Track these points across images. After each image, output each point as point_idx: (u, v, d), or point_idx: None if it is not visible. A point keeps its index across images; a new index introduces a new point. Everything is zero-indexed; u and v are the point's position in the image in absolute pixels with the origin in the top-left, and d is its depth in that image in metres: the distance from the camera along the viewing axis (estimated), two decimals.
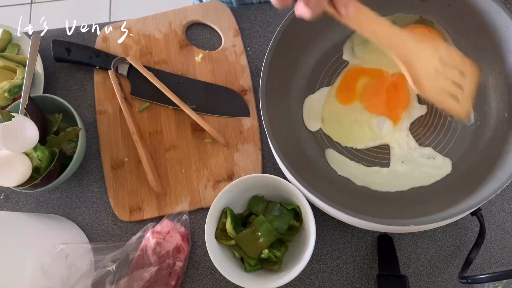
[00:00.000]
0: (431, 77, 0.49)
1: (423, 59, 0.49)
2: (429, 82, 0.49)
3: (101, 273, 0.57)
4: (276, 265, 0.55)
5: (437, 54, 0.50)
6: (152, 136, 0.66)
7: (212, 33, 0.71)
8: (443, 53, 0.50)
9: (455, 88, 0.51)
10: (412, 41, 0.48)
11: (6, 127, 0.55)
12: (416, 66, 0.48)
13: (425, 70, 0.49)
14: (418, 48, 0.49)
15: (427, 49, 0.49)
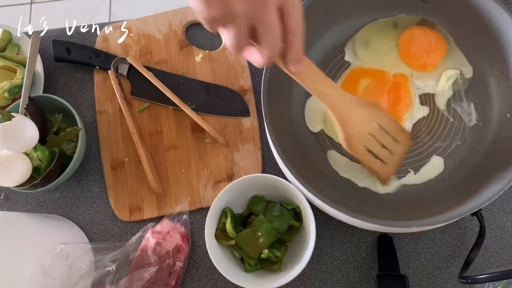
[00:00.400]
0: (363, 140, 0.52)
1: (359, 123, 0.52)
2: (359, 144, 0.53)
3: (101, 273, 0.57)
4: (276, 265, 0.55)
5: (376, 120, 0.53)
6: (152, 136, 0.66)
7: (212, 33, 0.71)
8: (382, 120, 0.53)
9: (384, 153, 0.54)
10: (353, 104, 0.51)
11: (6, 127, 0.55)
12: (351, 127, 0.51)
13: (358, 133, 0.52)
14: (357, 112, 0.51)
15: (365, 115, 0.52)
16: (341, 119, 0.50)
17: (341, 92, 0.50)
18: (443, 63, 0.59)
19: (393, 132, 0.54)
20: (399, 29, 0.61)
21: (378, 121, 0.53)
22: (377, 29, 0.61)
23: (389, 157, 0.54)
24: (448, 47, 0.59)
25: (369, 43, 0.61)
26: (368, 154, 0.53)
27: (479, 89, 0.58)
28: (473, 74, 0.58)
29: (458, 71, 0.58)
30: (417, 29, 0.60)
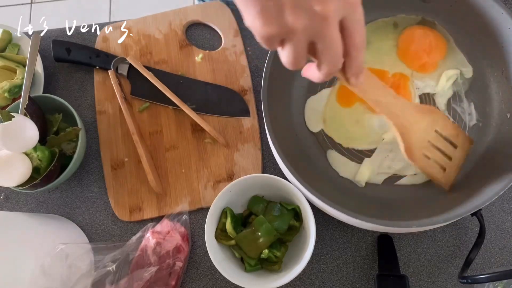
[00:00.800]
0: (424, 148, 0.52)
1: (419, 131, 0.51)
2: (420, 152, 0.52)
3: (101, 273, 0.57)
4: (276, 265, 0.55)
5: (434, 127, 0.52)
6: (152, 136, 0.66)
7: (212, 33, 0.71)
8: (440, 126, 0.53)
9: (444, 160, 0.53)
10: (413, 111, 0.51)
11: (6, 127, 0.55)
12: (411, 136, 0.51)
13: (419, 142, 0.51)
14: (417, 120, 0.51)
15: (425, 121, 0.51)
16: (401, 128, 0.50)
17: (402, 101, 0.50)
18: (443, 63, 0.59)
19: (451, 137, 0.53)
20: (399, 29, 0.61)
21: (437, 127, 0.52)
22: (377, 29, 0.61)
23: (448, 163, 0.54)
24: (448, 47, 0.59)
25: (369, 43, 0.61)
26: (428, 161, 0.52)
27: (479, 89, 0.58)
28: (473, 74, 0.58)
29: (458, 71, 0.58)
30: (417, 29, 0.60)
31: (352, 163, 0.58)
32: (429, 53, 0.59)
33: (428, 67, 0.59)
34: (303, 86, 0.61)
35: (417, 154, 0.52)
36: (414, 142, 0.51)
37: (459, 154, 0.54)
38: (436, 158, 0.53)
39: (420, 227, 0.47)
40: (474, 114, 0.57)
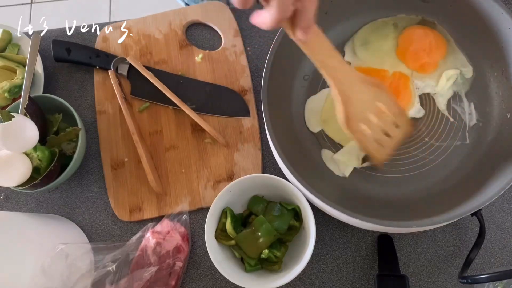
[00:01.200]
0: (363, 119, 0.51)
1: (360, 101, 0.50)
2: (358, 123, 0.51)
3: (101, 273, 0.57)
4: (276, 265, 0.55)
5: (378, 100, 0.51)
6: (152, 136, 0.66)
7: (212, 33, 0.71)
8: (385, 102, 0.52)
9: (382, 136, 0.53)
10: (358, 82, 0.50)
11: (6, 127, 0.55)
12: (352, 106, 0.50)
13: (359, 112, 0.51)
14: (361, 89, 0.50)
15: (369, 93, 0.51)
16: (343, 95, 0.49)
17: (348, 68, 0.49)
18: (443, 63, 0.59)
19: (394, 115, 0.53)
20: (399, 29, 0.61)
21: (381, 102, 0.52)
22: (377, 29, 0.61)
23: (386, 141, 0.53)
24: (448, 47, 0.59)
25: (369, 43, 0.61)
26: (364, 135, 0.52)
27: (479, 89, 0.58)
28: (473, 74, 0.58)
29: (458, 71, 0.58)
30: (417, 29, 0.60)
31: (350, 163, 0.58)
32: (429, 53, 0.59)
33: (428, 67, 0.59)
34: (303, 87, 0.61)
35: (355, 126, 0.51)
36: (354, 112, 0.50)
37: (399, 134, 0.54)
38: (374, 132, 0.52)
39: (420, 227, 0.47)
40: (474, 114, 0.57)
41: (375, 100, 0.51)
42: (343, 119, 0.50)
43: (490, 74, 0.57)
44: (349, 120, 0.50)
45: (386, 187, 0.57)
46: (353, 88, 0.49)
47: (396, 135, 0.54)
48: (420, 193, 0.56)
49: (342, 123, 0.51)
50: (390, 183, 0.57)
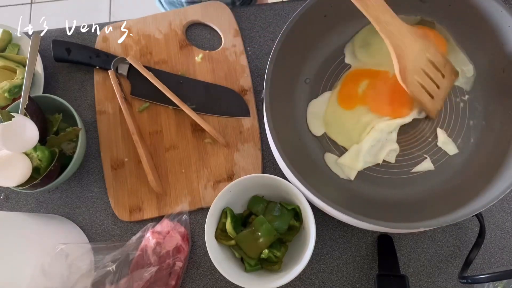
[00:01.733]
0: (416, 72, 0.53)
1: (413, 54, 0.52)
2: (413, 76, 0.53)
3: (101, 273, 0.57)
4: (276, 265, 0.55)
5: (426, 52, 0.53)
6: (152, 136, 0.66)
7: (212, 33, 0.71)
8: (431, 53, 0.54)
9: (433, 87, 0.54)
10: (408, 33, 0.52)
11: (6, 127, 0.55)
12: (406, 59, 0.52)
13: (412, 65, 0.52)
14: (411, 42, 0.52)
15: (418, 45, 0.53)
16: (397, 49, 0.51)
17: (399, 22, 0.51)
18: None
19: (440, 65, 0.54)
20: None
21: (428, 53, 0.53)
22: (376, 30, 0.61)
23: (437, 92, 0.55)
24: (448, 47, 0.59)
25: (369, 45, 0.61)
26: (420, 87, 0.54)
27: (481, 88, 0.58)
28: (474, 73, 0.58)
29: (459, 70, 0.58)
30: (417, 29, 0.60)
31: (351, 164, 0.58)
32: None
33: None
34: (305, 90, 0.60)
35: (409, 78, 0.53)
36: (408, 65, 0.52)
37: (446, 84, 0.55)
38: (425, 85, 0.54)
39: (428, 228, 0.47)
40: (476, 113, 0.57)
41: (424, 51, 0.53)
42: (399, 72, 0.52)
43: (492, 72, 0.57)
44: (404, 72, 0.52)
45: (389, 188, 0.56)
46: (405, 40, 0.51)
47: (443, 85, 0.55)
48: (424, 193, 0.55)
49: (398, 77, 0.52)
50: (393, 184, 0.57)
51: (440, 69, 0.54)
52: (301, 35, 0.56)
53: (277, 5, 0.71)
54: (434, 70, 0.54)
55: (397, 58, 0.51)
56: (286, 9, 0.71)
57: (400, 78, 0.52)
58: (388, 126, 0.57)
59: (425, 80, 0.54)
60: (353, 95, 0.59)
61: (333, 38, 0.61)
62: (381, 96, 0.58)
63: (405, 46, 0.51)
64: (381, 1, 0.49)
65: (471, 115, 0.58)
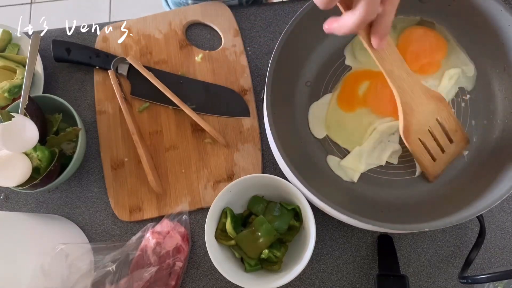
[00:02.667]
0: (421, 132, 0.52)
1: (421, 114, 0.51)
2: (416, 136, 0.52)
3: (101, 273, 0.57)
4: (276, 265, 0.55)
5: (437, 115, 0.53)
6: (152, 136, 0.66)
7: (212, 33, 0.71)
8: (443, 116, 0.53)
9: (437, 150, 0.54)
10: (421, 93, 0.51)
11: (6, 127, 0.55)
12: (413, 117, 0.51)
13: (418, 125, 0.52)
14: (422, 102, 0.51)
15: (430, 107, 0.52)
16: (406, 106, 0.50)
17: (414, 79, 0.49)
18: (444, 62, 0.59)
19: (450, 130, 0.54)
20: (398, 30, 0.61)
21: (440, 116, 0.53)
22: None
23: (441, 156, 0.54)
24: (448, 46, 0.59)
25: None
26: (422, 147, 0.53)
27: (482, 87, 0.58)
28: (475, 72, 0.58)
29: (460, 70, 0.58)
30: (417, 29, 0.60)
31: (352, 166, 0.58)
32: (429, 53, 0.59)
33: (429, 68, 0.59)
34: (306, 93, 0.60)
35: (413, 137, 0.52)
36: (414, 124, 0.51)
37: (453, 150, 0.55)
38: (429, 146, 0.53)
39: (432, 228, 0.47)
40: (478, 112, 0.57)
41: (435, 115, 0.52)
42: (403, 130, 0.51)
43: (492, 72, 0.57)
44: (409, 131, 0.52)
45: (391, 189, 0.56)
46: (416, 100, 0.50)
47: (450, 151, 0.55)
48: (427, 194, 0.55)
49: (402, 134, 0.52)
50: (395, 185, 0.57)
51: (450, 134, 0.54)
52: (301, 38, 0.56)
53: (277, 5, 0.71)
54: (442, 134, 0.53)
55: (403, 115, 0.50)
56: (286, 9, 0.70)
57: (403, 135, 0.52)
58: (389, 128, 0.57)
59: (430, 141, 0.53)
60: (354, 97, 0.59)
61: (333, 40, 0.61)
62: (382, 97, 0.58)
63: (415, 104, 0.50)
64: (397, 56, 0.47)
65: (472, 115, 0.58)
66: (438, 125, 0.53)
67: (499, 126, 0.56)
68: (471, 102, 0.58)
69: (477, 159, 0.56)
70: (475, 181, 0.54)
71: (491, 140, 0.56)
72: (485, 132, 0.56)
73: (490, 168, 0.53)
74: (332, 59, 0.61)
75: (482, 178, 0.53)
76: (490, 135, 0.56)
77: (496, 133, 0.56)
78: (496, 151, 0.55)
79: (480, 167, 0.55)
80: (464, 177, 0.55)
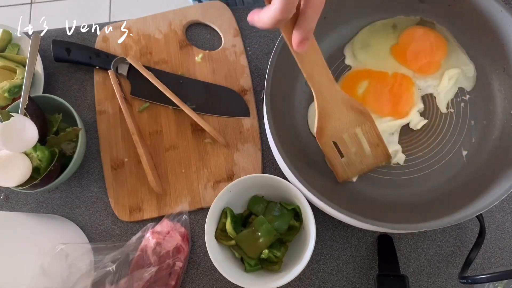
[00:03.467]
0: (335, 137, 0.53)
1: (339, 121, 0.52)
2: (330, 139, 0.53)
3: (101, 273, 0.57)
4: (276, 265, 0.55)
5: (358, 126, 0.53)
6: (152, 136, 0.66)
7: (212, 33, 0.71)
8: (365, 129, 0.54)
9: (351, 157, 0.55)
10: (340, 103, 0.51)
11: (6, 127, 0.55)
12: (328, 122, 0.52)
13: (334, 130, 0.53)
14: (341, 112, 0.51)
15: (349, 118, 0.52)
16: (322, 110, 0.50)
17: (335, 88, 0.49)
18: (444, 62, 0.59)
19: (371, 144, 0.55)
20: (398, 30, 0.61)
21: (361, 128, 0.53)
22: (376, 31, 0.61)
23: (354, 163, 0.55)
24: (448, 47, 0.59)
25: (369, 46, 0.61)
26: (335, 150, 0.54)
27: (482, 87, 0.58)
28: (475, 73, 0.58)
29: (460, 70, 0.58)
30: (417, 29, 0.60)
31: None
32: (430, 53, 0.59)
33: (430, 68, 0.59)
34: (305, 92, 0.60)
35: (325, 139, 0.53)
36: (327, 128, 0.52)
37: (369, 162, 0.56)
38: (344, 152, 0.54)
39: (430, 228, 0.47)
40: (478, 112, 0.57)
41: (355, 125, 0.53)
42: (315, 130, 0.52)
43: (492, 72, 0.57)
44: (321, 134, 0.52)
45: (390, 189, 0.56)
46: (334, 108, 0.51)
47: (366, 162, 0.56)
48: (426, 194, 0.55)
49: (315, 133, 0.52)
50: (394, 185, 0.57)
51: (370, 147, 0.55)
52: None
53: None
54: (360, 145, 0.54)
55: (318, 117, 0.51)
56: None
57: (316, 134, 0.52)
58: (389, 127, 0.57)
59: (344, 148, 0.54)
60: (353, 96, 0.59)
61: (333, 39, 0.61)
62: (381, 96, 0.58)
63: (332, 111, 0.51)
64: (321, 62, 0.46)
65: (472, 115, 0.58)
66: (356, 137, 0.54)
67: (498, 127, 0.56)
68: (471, 102, 0.58)
69: (476, 159, 0.56)
70: (474, 181, 0.54)
71: (490, 141, 0.56)
72: (484, 133, 0.56)
73: (489, 168, 0.53)
74: (332, 59, 0.61)
75: (481, 178, 0.53)
76: (489, 136, 0.56)
77: (495, 133, 0.56)
78: (495, 152, 0.55)
79: (479, 168, 0.55)
80: (463, 177, 0.55)
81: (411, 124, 0.58)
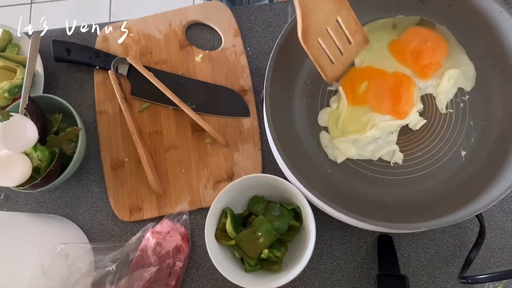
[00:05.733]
0: (320, 34, 0.51)
1: (321, 13, 0.50)
2: (315, 37, 0.51)
3: (101, 273, 0.57)
4: (276, 265, 0.55)
5: (337, 15, 0.51)
6: (152, 136, 0.66)
7: (212, 33, 0.71)
8: (343, 16, 0.52)
9: (336, 52, 0.53)
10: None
11: (5, 127, 0.55)
12: (311, 17, 0.49)
13: (317, 26, 0.50)
14: (322, 3, 0.50)
15: (330, 6, 0.50)
16: (304, 6, 0.49)
17: None
18: (444, 63, 0.59)
19: (350, 31, 0.53)
20: (398, 29, 0.61)
21: (340, 16, 0.52)
22: (376, 30, 0.61)
23: (339, 57, 0.54)
24: (449, 47, 0.59)
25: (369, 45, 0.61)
26: (321, 50, 0.53)
27: (481, 88, 0.58)
28: (474, 73, 0.58)
29: (460, 70, 0.58)
30: (417, 29, 0.60)
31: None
32: (430, 53, 0.59)
33: (430, 68, 0.59)
34: (305, 91, 0.60)
35: (311, 40, 0.51)
36: (312, 25, 0.50)
37: (351, 52, 0.55)
38: (328, 49, 0.53)
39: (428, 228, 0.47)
40: (477, 113, 0.57)
41: (335, 14, 0.51)
42: (301, 32, 0.50)
43: (492, 73, 0.57)
44: (307, 33, 0.50)
45: (389, 189, 0.56)
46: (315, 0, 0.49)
47: (349, 52, 0.55)
48: (425, 194, 0.55)
49: (300, 37, 0.50)
50: (393, 185, 0.57)
51: (350, 35, 0.53)
52: None
53: (277, 5, 0.71)
54: (342, 35, 0.52)
55: (301, 16, 0.48)
56: (286, 9, 0.71)
57: (301, 38, 0.50)
58: (389, 126, 0.57)
59: (329, 43, 0.52)
60: (354, 94, 0.59)
61: None
62: (382, 94, 0.58)
63: (314, 4, 0.48)
64: None
65: (471, 115, 0.58)
66: (338, 27, 0.52)
67: (497, 127, 0.56)
68: (470, 102, 0.58)
69: (475, 160, 0.56)
70: (473, 181, 0.54)
71: (489, 141, 0.56)
72: (483, 133, 0.56)
73: (488, 168, 0.53)
74: None
75: (479, 179, 0.53)
76: (488, 136, 0.56)
77: (494, 134, 0.56)
78: (494, 152, 0.55)
79: (478, 168, 0.55)
80: (461, 177, 0.55)
81: (410, 124, 0.58)
